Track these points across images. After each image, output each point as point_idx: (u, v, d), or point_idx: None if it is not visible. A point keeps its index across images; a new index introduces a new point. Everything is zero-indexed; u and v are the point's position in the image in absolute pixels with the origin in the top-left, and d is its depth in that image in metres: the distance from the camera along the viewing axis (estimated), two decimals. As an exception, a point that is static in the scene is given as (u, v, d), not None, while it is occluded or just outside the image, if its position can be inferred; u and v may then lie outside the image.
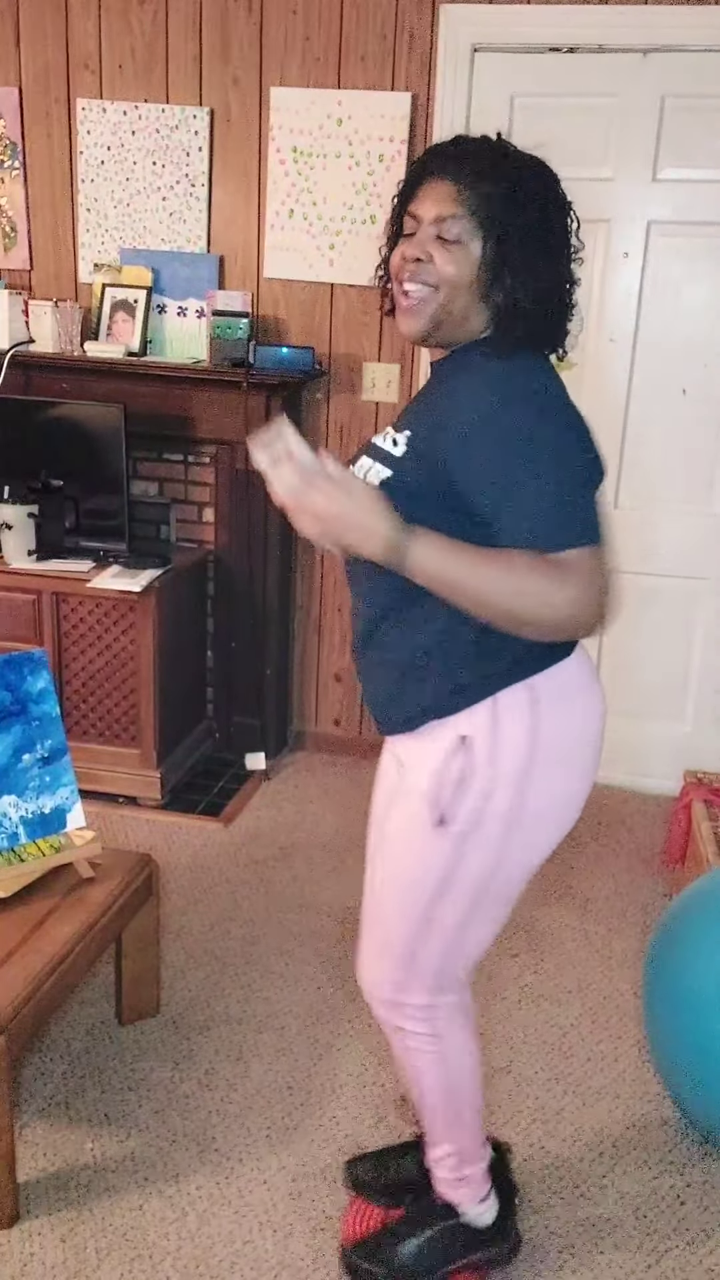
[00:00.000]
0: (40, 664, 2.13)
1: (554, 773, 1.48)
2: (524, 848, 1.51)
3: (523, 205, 1.39)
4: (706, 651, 3.44)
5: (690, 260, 3.18)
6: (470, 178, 1.40)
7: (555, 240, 1.43)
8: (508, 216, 1.38)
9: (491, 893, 1.53)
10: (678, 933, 2.03)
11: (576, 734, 1.51)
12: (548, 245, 1.42)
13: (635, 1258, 1.82)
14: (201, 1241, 1.81)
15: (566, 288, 1.46)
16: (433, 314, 1.44)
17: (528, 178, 1.41)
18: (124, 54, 3.33)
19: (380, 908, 1.60)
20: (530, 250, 1.39)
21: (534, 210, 1.40)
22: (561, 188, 1.45)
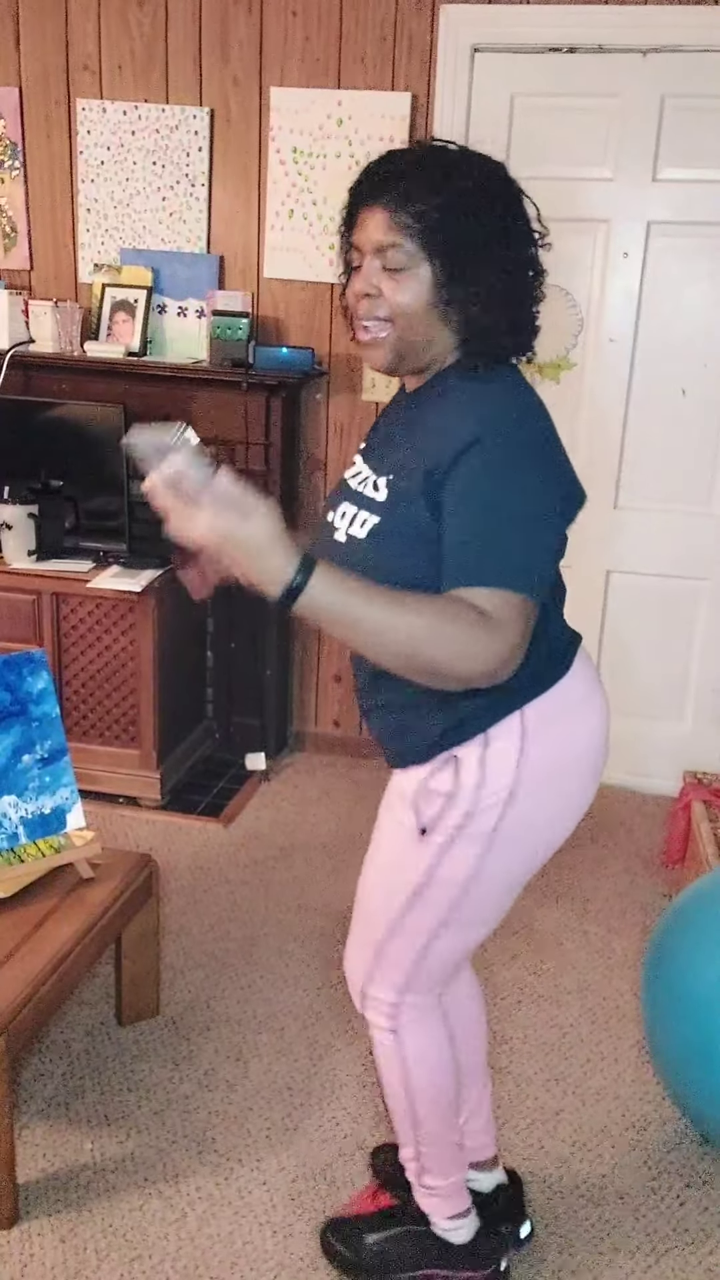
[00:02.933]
0: (40, 664, 2.13)
1: (540, 796, 1.47)
2: (503, 867, 1.51)
3: (463, 216, 1.31)
4: (706, 651, 3.44)
5: (690, 260, 3.18)
6: (401, 200, 1.32)
7: (508, 242, 1.35)
8: (448, 232, 1.31)
9: (466, 906, 1.52)
10: (678, 933, 2.03)
11: (570, 754, 1.50)
12: (499, 251, 1.34)
13: (635, 1258, 1.82)
14: (201, 1242, 1.81)
15: (529, 288, 1.39)
16: (393, 346, 1.39)
17: (465, 185, 1.32)
18: (124, 54, 3.33)
19: (363, 900, 1.63)
20: (481, 261, 1.32)
21: (477, 218, 1.32)
22: (510, 182, 1.37)
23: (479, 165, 1.36)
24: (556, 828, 1.54)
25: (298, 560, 1.19)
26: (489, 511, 1.29)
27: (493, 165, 1.37)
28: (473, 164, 1.35)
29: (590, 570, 3.40)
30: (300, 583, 1.19)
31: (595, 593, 3.43)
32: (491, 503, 1.29)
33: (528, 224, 1.38)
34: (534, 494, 1.32)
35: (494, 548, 1.28)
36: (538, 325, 1.43)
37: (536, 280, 1.40)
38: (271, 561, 1.19)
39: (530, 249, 1.38)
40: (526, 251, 1.38)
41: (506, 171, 1.38)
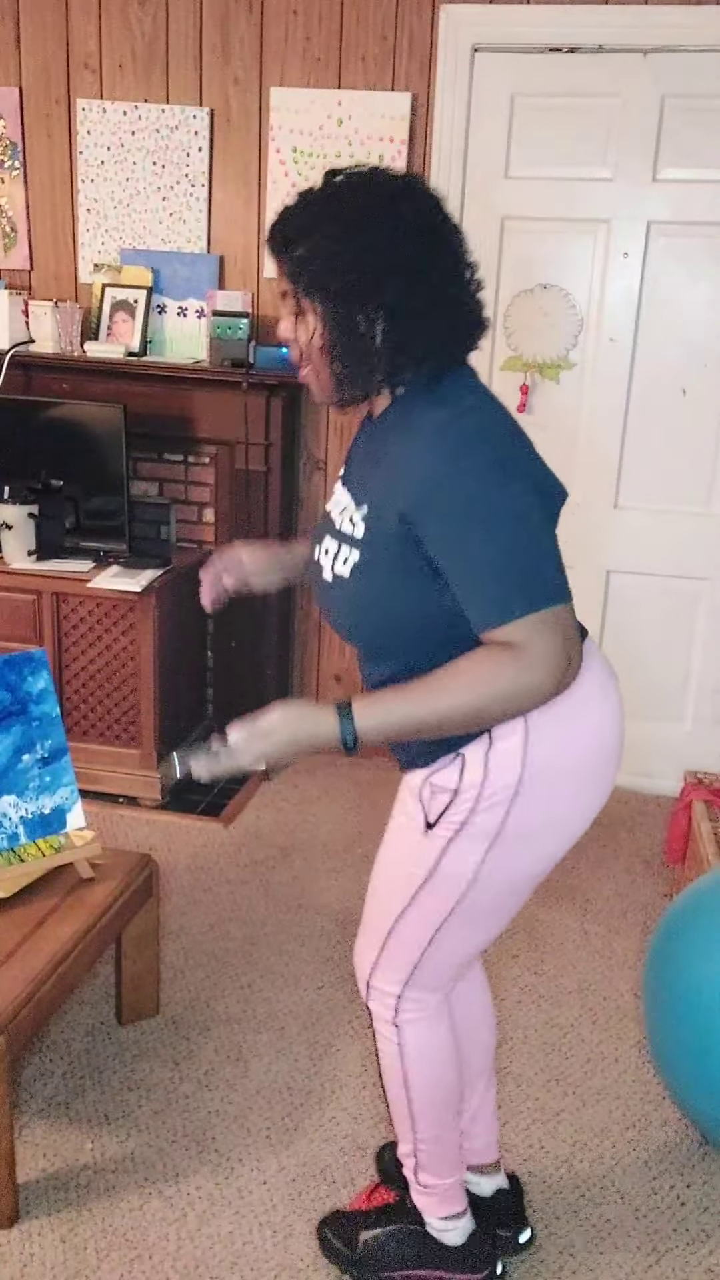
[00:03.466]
0: (40, 664, 2.13)
1: (546, 795, 1.47)
2: (508, 866, 1.51)
3: (337, 256, 1.31)
4: (706, 651, 3.44)
5: (690, 260, 3.18)
6: (282, 247, 1.35)
7: (403, 261, 1.31)
8: (326, 274, 1.32)
9: (469, 904, 1.52)
10: (678, 933, 2.03)
11: (576, 753, 1.49)
12: (393, 278, 1.31)
13: (635, 1258, 1.82)
14: (201, 1242, 1.81)
15: (446, 299, 1.35)
16: (316, 385, 1.42)
17: (334, 229, 1.31)
18: (124, 54, 3.33)
19: (373, 891, 1.64)
20: (367, 296, 1.31)
21: (356, 255, 1.30)
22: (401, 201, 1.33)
23: (362, 197, 1.33)
24: (564, 830, 1.53)
25: (335, 715, 1.31)
26: (481, 548, 1.30)
27: (376, 193, 1.34)
28: (355, 197, 1.33)
29: (590, 570, 3.41)
30: (349, 730, 1.31)
31: (595, 593, 3.43)
32: (479, 539, 1.30)
33: (431, 237, 1.35)
34: (514, 508, 1.32)
35: (499, 582, 1.30)
36: (476, 322, 1.41)
37: (457, 286, 1.37)
38: (319, 736, 1.32)
39: (441, 258, 1.35)
40: (433, 265, 1.34)
41: (399, 190, 1.35)
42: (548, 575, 1.32)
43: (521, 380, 3.34)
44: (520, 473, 1.35)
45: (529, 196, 3.22)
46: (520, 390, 3.34)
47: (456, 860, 1.49)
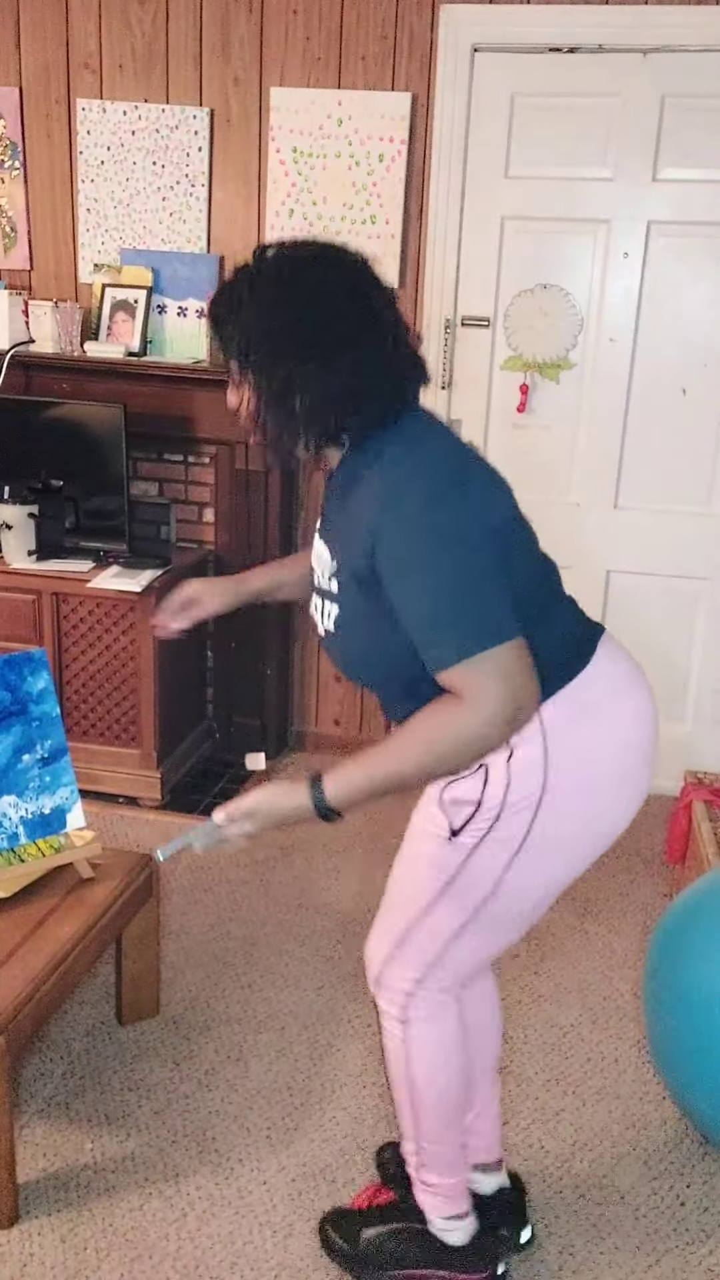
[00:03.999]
0: (40, 664, 2.13)
1: (572, 801, 1.47)
2: (533, 873, 1.51)
3: (261, 327, 1.37)
4: (706, 652, 3.44)
5: (690, 260, 3.18)
6: (215, 321, 1.43)
7: (321, 332, 1.36)
8: (249, 345, 1.38)
9: (492, 909, 1.53)
10: (678, 933, 2.03)
11: (603, 757, 1.49)
12: (308, 346, 1.36)
13: (635, 1258, 1.82)
14: (201, 1242, 1.81)
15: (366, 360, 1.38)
16: (261, 448, 1.45)
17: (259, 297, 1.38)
18: (124, 54, 3.33)
19: (392, 888, 1.65)
20: (288, 361, 1.36)
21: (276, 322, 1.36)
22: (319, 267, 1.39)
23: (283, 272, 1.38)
24: (594, 835, 1.53)
25: (308, 789, 1.38)
26: (418, 598, 1.33)
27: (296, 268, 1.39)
28: (276, 272, 1.38)
29: (590, 570, 3.41)
30: (320, 799, 1.38)
31: (595, 593, 3.43)
32: (416, 589, 1.33)
33: (352, 305, 1.38)
34: (449, 557, 1.32)
35: (436, 629, 1.32)
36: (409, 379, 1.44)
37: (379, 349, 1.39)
38: (296, 810, 1.39)
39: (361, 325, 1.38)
40: (352, 334, 1.37)
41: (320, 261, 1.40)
42: (485, 619, 1.31)
43: (521, 380, 3.34)
44: (459, 517, 1.34)
45: (529, 196, 3.22)
46: (520, 390, 3.34)
47: (481, 867, 1.49)
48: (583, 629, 1.57)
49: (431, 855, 1.54)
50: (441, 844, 1.52)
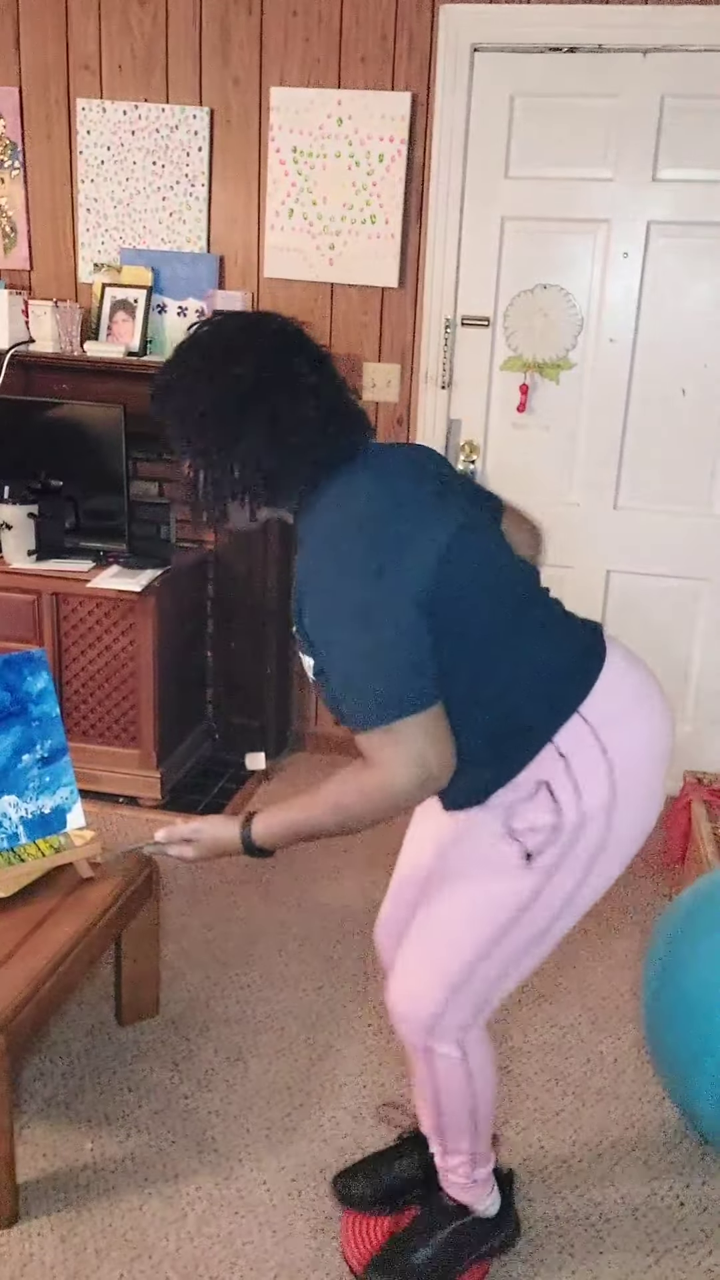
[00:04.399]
0: (40, 664, 2.13)
1: (637, 794, 1.49)
2: (600, 879, 1.53)
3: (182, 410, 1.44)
4: (706, 651, 3.44)
5: (690, 260, 3.18)
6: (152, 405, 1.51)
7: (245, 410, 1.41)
8: (174, 427, 1.46)
9: (560, 922, 1.54)
10: (678, 933, 2.03)
11: (645, 750, 1.51)
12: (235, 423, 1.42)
13: (634, 1258, 1.82)
14: (201, 1242, 1.82)
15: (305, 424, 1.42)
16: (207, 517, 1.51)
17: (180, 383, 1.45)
18: (124, 54, 3.33)
19: (438, 932, 1.58)
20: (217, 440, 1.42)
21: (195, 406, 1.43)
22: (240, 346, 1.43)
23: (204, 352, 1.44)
24: (643, 834, 1.55)
25: (239, 826, 1.52)
26: (332, 668, 1.40)
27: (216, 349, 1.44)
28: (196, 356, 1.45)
29: (590, 570, 3.41)
30: (248, 835, 1.51)
31: (595, 593, 3.43)
32: (330, 659, 1.40)
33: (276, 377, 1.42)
34: (360, 627, 1.37)
35: (347, 699, 1.39)
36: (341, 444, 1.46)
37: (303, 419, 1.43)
38: (228, 842, 1.54)
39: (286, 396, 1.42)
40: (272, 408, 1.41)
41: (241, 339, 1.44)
42: (390, 693, 1.35)
43: (521, 380, 3.34)
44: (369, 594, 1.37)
45: (529, 196, 3.22)
46: (520, 390, 3.34)
47: (560, 885, 1.49)
48: (583, 629, 1.58)
49: (500, 889, 1.50)
50: (516, 875, 1.49)
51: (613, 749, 1.46)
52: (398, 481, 1.48)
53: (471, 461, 3.41)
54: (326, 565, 1.40)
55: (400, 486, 1.47)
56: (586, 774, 1.45)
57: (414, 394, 3.40)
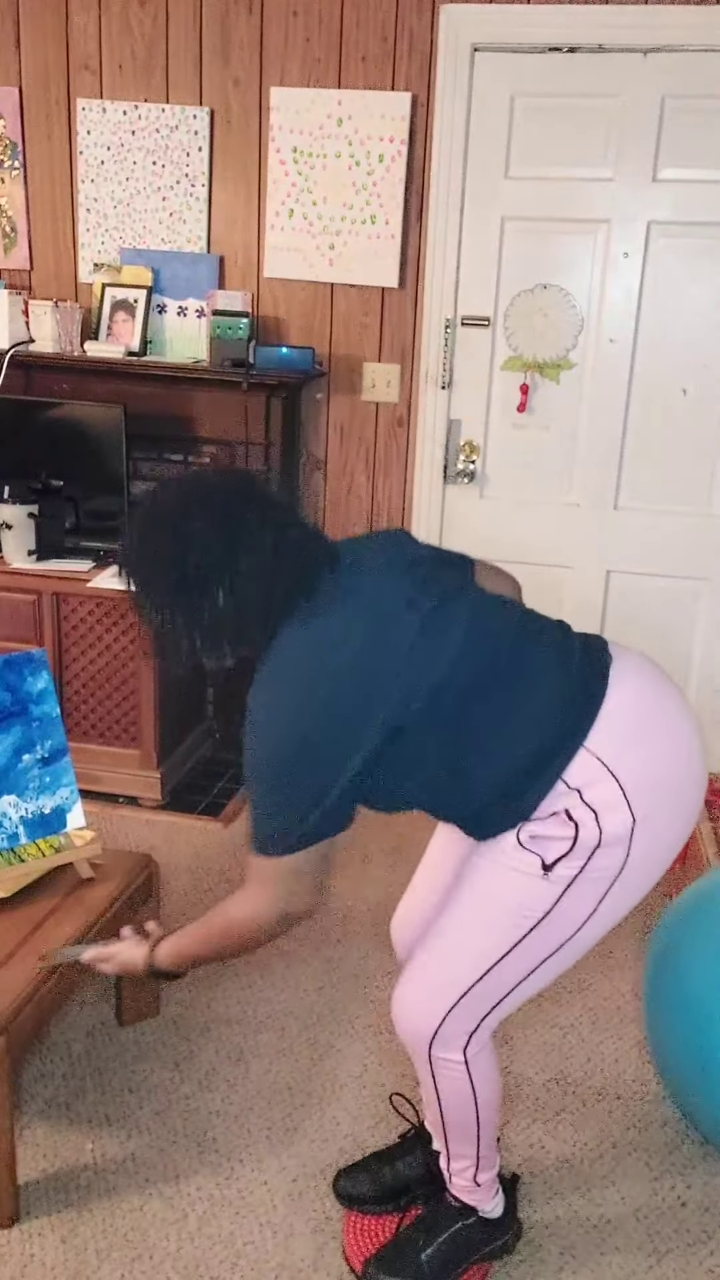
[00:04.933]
0: (40, 664, 2.13)
1: (660, 816, 1.48)
2: (622, 900, 1.52)
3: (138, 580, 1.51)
4: (706, 652, 3.44)
5: (690, 260, 3.18)
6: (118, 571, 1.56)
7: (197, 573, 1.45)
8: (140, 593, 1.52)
9: (574, 941, 1.53)
10: (677, 933, 2.03)
11: (664, 771, 1.50)
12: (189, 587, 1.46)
13: (636, 1259, 1.82)
14: (201, 1242, 1.81)
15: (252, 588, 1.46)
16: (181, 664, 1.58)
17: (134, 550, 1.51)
18: (124, 54, 3.33)
19: (453, 940, 1.58)
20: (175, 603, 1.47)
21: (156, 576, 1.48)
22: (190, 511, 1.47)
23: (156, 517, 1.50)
24: (671, 853, 1.54)
25: (148, 949, 1.70)
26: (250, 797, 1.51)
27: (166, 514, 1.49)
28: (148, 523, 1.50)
29: (590, 570, 3.40)
30: (152, 960, 1.69)
31: (595, 593, 3.43)
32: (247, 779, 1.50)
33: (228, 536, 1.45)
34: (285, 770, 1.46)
35: (251, 823, 1.51)
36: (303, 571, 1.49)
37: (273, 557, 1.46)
38: (136, 964, 1.72)
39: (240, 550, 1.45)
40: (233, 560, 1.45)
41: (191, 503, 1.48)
42: (290, 830, 1.46)
43: (521, 380, 3.34)
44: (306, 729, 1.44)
45: (529, 196, 3.22)
46: (520, 390, 3.34)
47: (577, 899, 1.49)
48: (582, 659, 1.55)
49: (518, 898, 1.50)
50: (532, 883, 1.49)
51: (626, 777, 1.46)
52: (357, 604, 1.49)
53: (471, 461, 3.42)
54: (268, 702, 1.46)
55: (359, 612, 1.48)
56: (603, 802, 1.45)
57: (414, 394, 3.40)
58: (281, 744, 1.45)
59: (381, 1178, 1.89)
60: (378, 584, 1.51)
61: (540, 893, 1.49)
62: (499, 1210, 1.77)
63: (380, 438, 3.47)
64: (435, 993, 1.59)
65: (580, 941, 1.55)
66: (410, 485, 3.47)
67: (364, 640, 1.45)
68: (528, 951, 1.53)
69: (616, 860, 1.47)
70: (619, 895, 1.51)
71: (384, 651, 1.45)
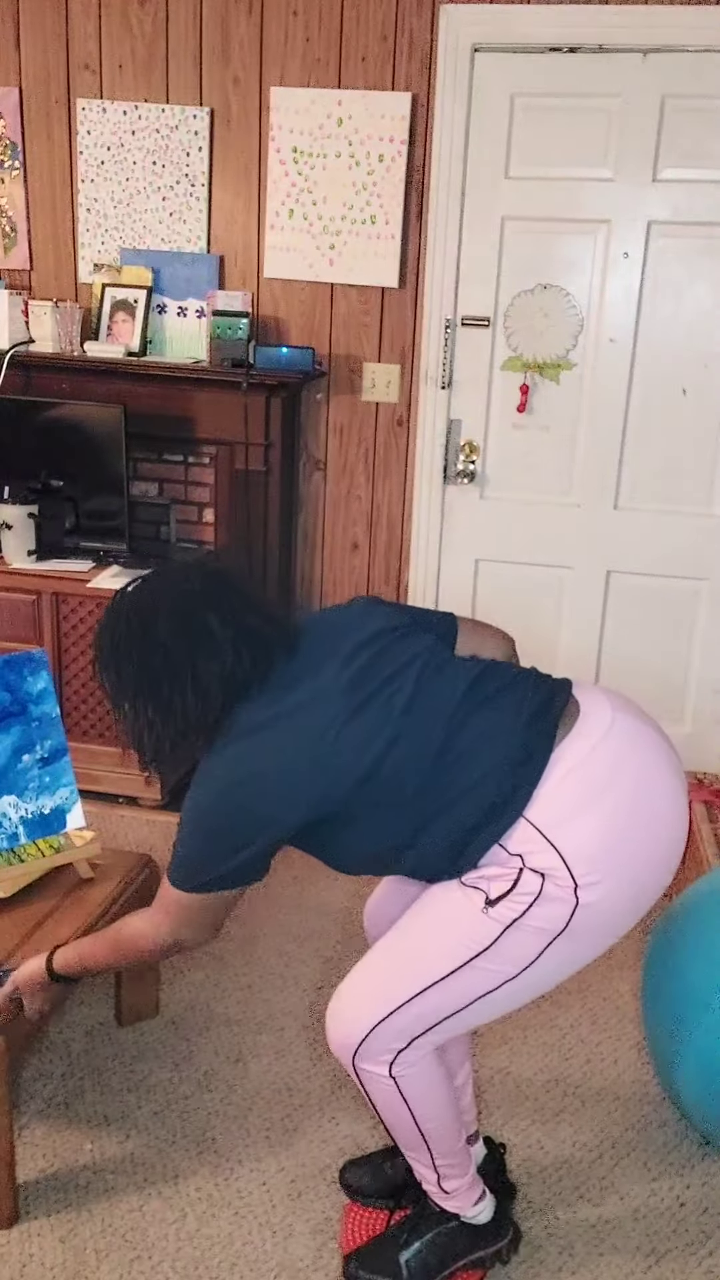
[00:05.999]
0: (40, 664, 2.13)
1: (607, 884, 1.46)
2: (571, 953, 1.52)
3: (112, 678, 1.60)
4: (706, 652, 3.44)
5: (690, 260, 3.18)
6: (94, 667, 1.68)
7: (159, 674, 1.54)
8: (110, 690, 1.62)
9: (518, 983, 1.53)
10: (677, 933, 2.03)
11: (611, 839, 1.47)
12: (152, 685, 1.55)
13: (634, 1259, 1.82)
14: (200, 1242, 1.81)
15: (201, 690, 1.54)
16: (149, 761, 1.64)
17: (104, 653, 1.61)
18: (124, 54, 3.33)
19: (392, 960, 1.58)
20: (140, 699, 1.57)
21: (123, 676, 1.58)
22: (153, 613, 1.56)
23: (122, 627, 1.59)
24: (635, 911, 1.53)
25: (45, 960, 1.77)
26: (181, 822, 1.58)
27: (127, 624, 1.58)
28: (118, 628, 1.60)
29: (590, 570, 3.40)
30: (51, 968, 1.76)
31: (595, 593, 3.43)
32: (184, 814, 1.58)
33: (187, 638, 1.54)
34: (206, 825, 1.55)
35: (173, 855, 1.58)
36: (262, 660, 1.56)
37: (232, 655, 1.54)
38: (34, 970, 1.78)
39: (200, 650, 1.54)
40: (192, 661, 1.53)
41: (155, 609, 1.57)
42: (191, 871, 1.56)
43: (521, 380, 3.34)
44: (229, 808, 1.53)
45: (529, 196, 3.22)
46: (520, 390, 3.34)
47: (518, 945, 1.49)
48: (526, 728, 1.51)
49: (461, 927, 1.51)
50: (475, 916, 1.49)
51: (567, 847, 1.45)
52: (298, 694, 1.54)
53: (471, 462, 3.42)
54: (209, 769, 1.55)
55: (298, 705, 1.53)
56: (545, 868, 1.45)
57: (414, 394, 3.40)
58: (213, 805, 1.54)
59: (382, 1173, 1.90)
60: (321, 672, 1.55)
61: (481, 927, 1.49)
62: (484, 1217, 1.75)
63: (380, 438, 3.47)
64: (367, 1004, 1.58)
65: (523, 986, 1.53)
66: (410, 485, 3.47)
67: (296, 733, 1.51)
68: (464, 982, 1.52)
69: (559, 919, 1.46)
70: (564, 952, 1.50)
71: (312, 743, 1.50)
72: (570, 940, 1.49)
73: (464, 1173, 1.73)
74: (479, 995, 1.53)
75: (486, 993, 1.53)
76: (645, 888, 1.51)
